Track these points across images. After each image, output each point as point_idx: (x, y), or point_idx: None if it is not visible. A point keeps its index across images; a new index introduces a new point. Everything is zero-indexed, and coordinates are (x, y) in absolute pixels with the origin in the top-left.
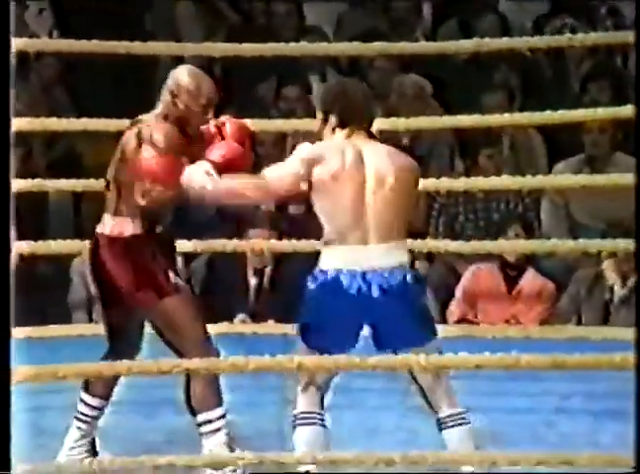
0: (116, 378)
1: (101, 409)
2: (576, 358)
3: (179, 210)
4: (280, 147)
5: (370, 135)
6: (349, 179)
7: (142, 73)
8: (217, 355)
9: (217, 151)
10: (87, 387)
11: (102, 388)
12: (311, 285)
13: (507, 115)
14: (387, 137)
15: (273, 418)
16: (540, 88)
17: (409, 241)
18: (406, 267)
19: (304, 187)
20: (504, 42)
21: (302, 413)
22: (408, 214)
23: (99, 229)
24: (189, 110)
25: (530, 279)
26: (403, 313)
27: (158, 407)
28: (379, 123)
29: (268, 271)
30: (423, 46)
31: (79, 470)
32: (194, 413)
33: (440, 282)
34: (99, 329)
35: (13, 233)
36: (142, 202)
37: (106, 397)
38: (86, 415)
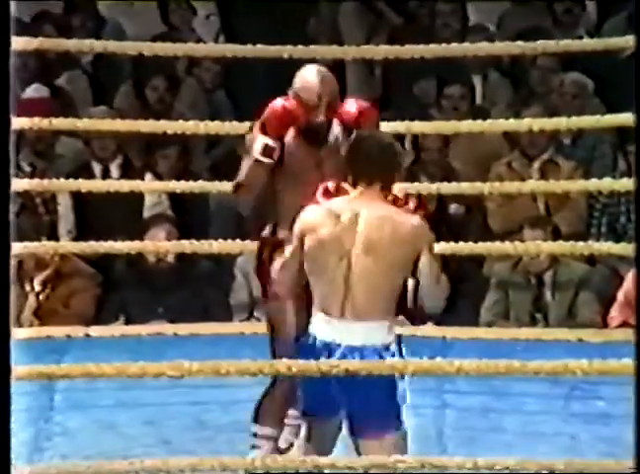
0: (287, 405)
1: (275, 438)
2: None
3: None
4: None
5: (385, 196)
6: (336, 247)
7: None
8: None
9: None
10: (256, 418)
11: (271, 418)
12: (301, 342)
13: None
14: (550, 142)
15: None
16: None
17: (565, 244)
18: (383, 347)
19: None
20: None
21: None
22: (398, 288)
23: None
24: (302, 105)
25: None
26: (372, 399)
27: None
28: (539, 124)
29: None
30: (586, 44)
31: (150, 469)
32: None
33: (602, 286)
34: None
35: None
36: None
37: (277, 425)
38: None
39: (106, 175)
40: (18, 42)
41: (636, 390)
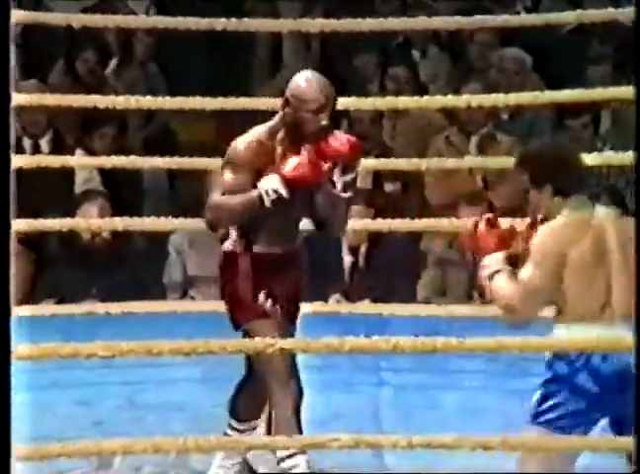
0: (264, 400)
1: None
2: None
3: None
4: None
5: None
6: (598, 256)
7: (239, 52)
8: (301, 392)
9: (292, 165)
10: (233, 412)
11: (248, 412)
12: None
13: (610, 88)
14: (489, 118)
15: (367, 398)
16: None
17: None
18: None
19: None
20: (607, 14)
21: None
22: None
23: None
24: (299, 115)
25: None
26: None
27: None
28: (477, 100)
29: (363, 249)
30: (525, 19)
31: (82, 451)
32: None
33: None
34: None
35: (13, 210)
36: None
37: (254, 419)
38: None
39: (36, 150)
40: None
41: (636, 389)
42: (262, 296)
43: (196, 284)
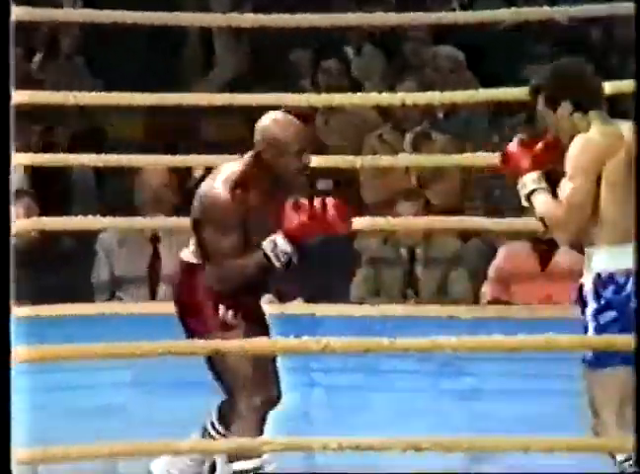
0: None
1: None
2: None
3: None
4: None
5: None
6: (631, 170)
7: (170, 46)
8: (279, 395)
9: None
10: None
11: None
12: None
13: None
14: (424, 116)
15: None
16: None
17: (440, 218)
18: None
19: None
20: (543, 12)
21: None
22: None
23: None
24: (278, 160)
25: (565, 255)
26: None
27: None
28: (412, 98)
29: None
30: (459, 16)
31: (83, 454)
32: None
33: (476, 261)
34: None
35: (13, 210)
36: None
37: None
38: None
39: None
40: None
41: (636, 389)
42: (222, 309)
43: (124, 285)
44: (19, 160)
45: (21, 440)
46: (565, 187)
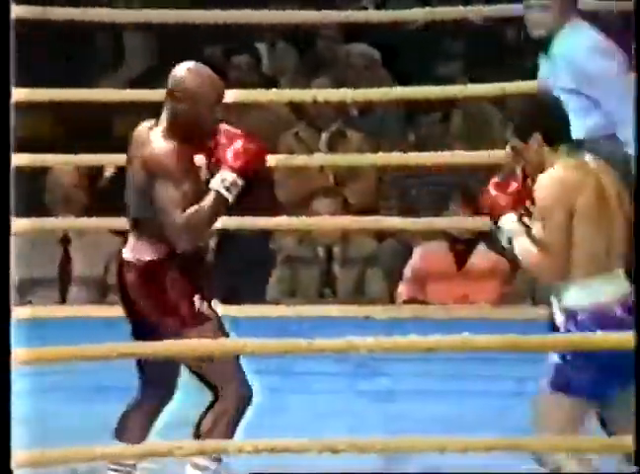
0: (150, 422)
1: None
2: (532, 340)
3: None
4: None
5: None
6: (606, 202)
7: (78, 41)
8: (250, 390)
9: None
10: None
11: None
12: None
13: (461, 86)
14: (338, 114)
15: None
16: (494, 58)
17: (356, 218)
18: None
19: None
20: (457, 11)
21: None
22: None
23: (124, 253)
24: (195, 111)
25: (481, 256)
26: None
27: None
28: (326, 95)
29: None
30: (370, 15)
31: (83, 456)
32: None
33: (392, 261)
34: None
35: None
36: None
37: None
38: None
39: None
40: None
41: (636, 388)
42: (197, 300)
43: (34, 288)
44: (17, 161)
45: (20, 443)
46: (540, 230)
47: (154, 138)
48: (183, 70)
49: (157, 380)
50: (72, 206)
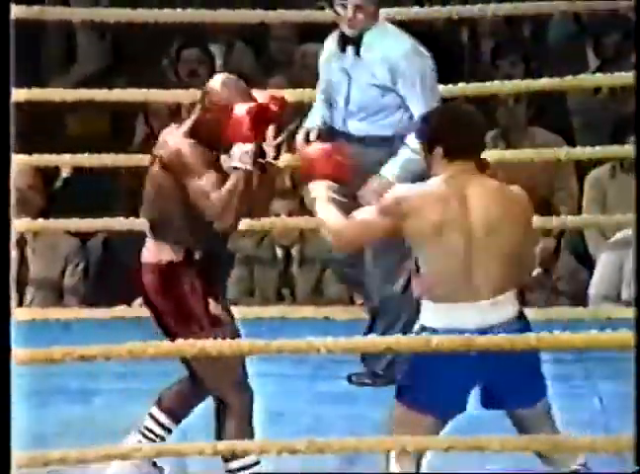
0: (196, 398)
1: (170, 430)
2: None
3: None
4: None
5: (481, 167)
6: (453, 231)
7: (29, 40)
8: (251, 396)
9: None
10: (160, 401)
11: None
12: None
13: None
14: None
15: None
16: (454, 61)
17: (314, 219)
18: (517, 318)
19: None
20: (412, 13)
21: None
22: (521, 257)
23: (142, 256)
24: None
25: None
26: (517, 371)
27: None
28: (288, 95)
29: None
30: (327, 15)
31: (83, 457)
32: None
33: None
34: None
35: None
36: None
37: (179, 418)
38: (153, 432)
39: None
40: None
41: (636, 388)
42: (213, 304)
43: None
44: (17, 161)
45: (20, 443)
46: (366, 211)
47: (175, 138)
48: (218, 82)
49: None
50: (27, 208)
